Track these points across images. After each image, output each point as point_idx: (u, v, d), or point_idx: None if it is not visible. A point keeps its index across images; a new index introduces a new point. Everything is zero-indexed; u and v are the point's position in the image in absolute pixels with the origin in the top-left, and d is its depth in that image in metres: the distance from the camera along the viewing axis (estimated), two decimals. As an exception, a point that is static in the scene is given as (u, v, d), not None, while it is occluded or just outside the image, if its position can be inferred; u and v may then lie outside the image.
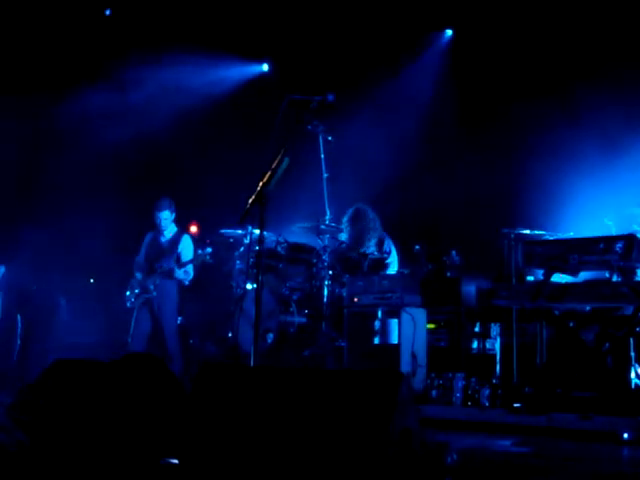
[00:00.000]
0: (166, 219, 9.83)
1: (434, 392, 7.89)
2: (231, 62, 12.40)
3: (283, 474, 4.32)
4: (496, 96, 10.57)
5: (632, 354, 7.23)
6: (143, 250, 10.02)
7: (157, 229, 9.92)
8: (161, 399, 5.00)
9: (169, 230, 9.94)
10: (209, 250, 9.49)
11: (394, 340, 8.31)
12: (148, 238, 10.07)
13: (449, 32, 11.51)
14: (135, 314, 9.68)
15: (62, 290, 11.52)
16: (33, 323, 10.81)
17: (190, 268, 9.75)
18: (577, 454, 6.15)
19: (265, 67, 12.84)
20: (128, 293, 9.80)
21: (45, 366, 5.37)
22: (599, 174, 9.22)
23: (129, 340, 9.62)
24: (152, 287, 9.57)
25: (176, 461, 4.64)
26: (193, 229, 10.25)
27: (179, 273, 9.62)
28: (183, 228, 10.21)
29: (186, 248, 9.86)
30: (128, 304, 9.78)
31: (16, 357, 10.51)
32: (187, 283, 9.77)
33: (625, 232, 7.93)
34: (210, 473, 4.48)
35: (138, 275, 9.81)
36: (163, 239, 9.94)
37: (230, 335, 9.41)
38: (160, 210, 9.78)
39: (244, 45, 12.05)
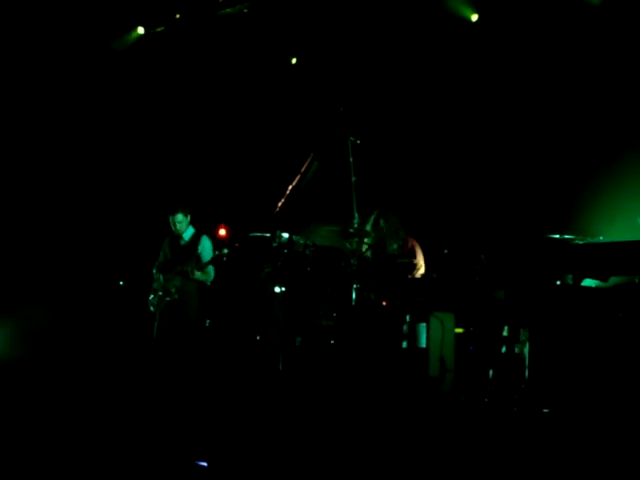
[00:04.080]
0: (180, 222, 9.91)
1: (462, 396, 7.87)
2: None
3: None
4: (529, 98, 10.53)
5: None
6: (162, 254, 10.11)
7: (174, 232, 9.98)
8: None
9: (187, 232, 10.01)
10: (226, 251, 9.54)
11: (422, 344, 8.29)
12: (166, 242, 10.16)
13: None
14: (158, 317, 9.75)
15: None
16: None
17: (210, 269, 9.84)
18: (607, 460, 6.11)
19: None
20: (151, 297, 9.88)
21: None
22: (630, 172, 9.17)
23: (153, 343, 9.69)
24: (173, 290, 9.65)
25: (205, 464, 4.65)
26: (222, 232, 10.26)
27: (199, 275, 9.67)
28: (203, 230, 10.23)
29: (205, 249, 9.93)
30: (152, 308, 9.86)
31: None
32: (209, 284, 9.85)
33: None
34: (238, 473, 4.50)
35: (159, 279, 9.88)
36: (182, 242, 10.01)
37: (258, 338, 9.43)
38: (172, 213, 9.89)
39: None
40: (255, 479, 4.45)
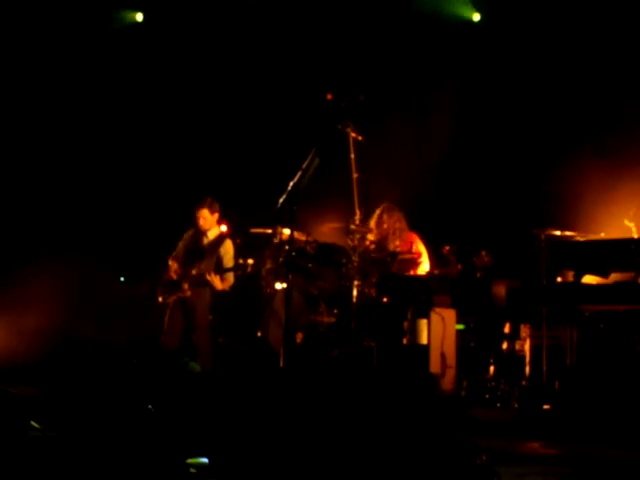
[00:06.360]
0: (204, 218, 9.68)
1: (463, 393, 7.88)
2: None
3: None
4: (530, 96, 10.53)
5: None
6: (182, 247, 9.91)
7: (197, 228, 9.86)
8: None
9: (212, 232, 9.78)
10: (251, 261, 9.38)
11: (423, 341, 8.30)
12: (188, 235, 9.93)
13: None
14: (168, 311, 9.65)
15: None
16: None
17: (230, 276, 9.59)
18: (607, 457, 6.12)
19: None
20: (161, 288, 9.72)
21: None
22: (625, 174, 9.17)
23: (162, 337, 9.63)
24: (186, 287, 9.49)
25: (206, 460, 4.65)
26: (223, 228, 10.16)
27: (217, 279, 9.44)
28: (229, 234, 9.98)
29: (227, 254, 9.70)
30: (160, 299, 9.71)
31: None
32: (226, 290, 9.61)
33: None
34: (238, 472, 4.50)
35: (174, 270, 9.68)
36: (205, 239, 9.79)
37: (259, 334, 9.42)
38: (197, 208, 9.69)
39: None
40: (255, 476, 4.46)
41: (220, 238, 9.78)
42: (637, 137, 9.40)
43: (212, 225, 9.80)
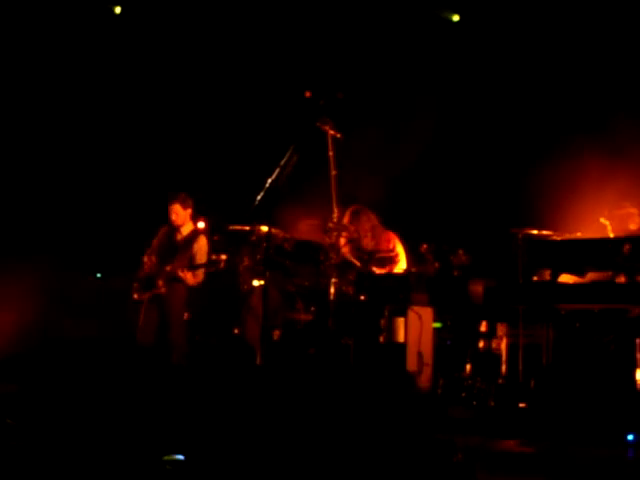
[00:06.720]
0: (177, 213, 9.61)
1: (440, 391, 7.90)
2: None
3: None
4: (505, 95, 10.58)
5: (638, 356, 7.24)
6: (156, 243, 9.82)
7: (171, 224, 9.80)
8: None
9: (186, 227, 9.71)
10: (224, 257, 9.35)
11: (400, 339, 8.31)
12: (162, 232, 9.85)
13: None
14: (143, 308, 9.60)
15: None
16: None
17: (201, 272, 9.52)
18: (581, 455, 6.15)
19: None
20: (136, 285, 9.68)
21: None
22: (602, 173, 9.24)
23: (138, 334, 9.58)
24: (161, 284, 9.45)
25: (182, 457, 4.64)
26: (201, 224, 10.10)
27: (188, 276, 9.37)
28: (203, 230, 9.89)
29: (200, 250, 9.62)
30: (135, 296, 9.67)
31: None
32: (196, 286, 9.54)
33: (622, 231, 8.00)
34: (214, 469, 4.49)
35: (148, 267, 9.65)
36: (179, 236, 9.72)
37: (236, 331, 9.40)
38: (170, 203, 9.63)
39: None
40: (231, 472, 4.45)
41: (194, 234, 9.70)
42: (613, 137, 9.46)
43: (185, 221, 9.73)
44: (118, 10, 12.01)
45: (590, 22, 10.05)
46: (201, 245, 9.65)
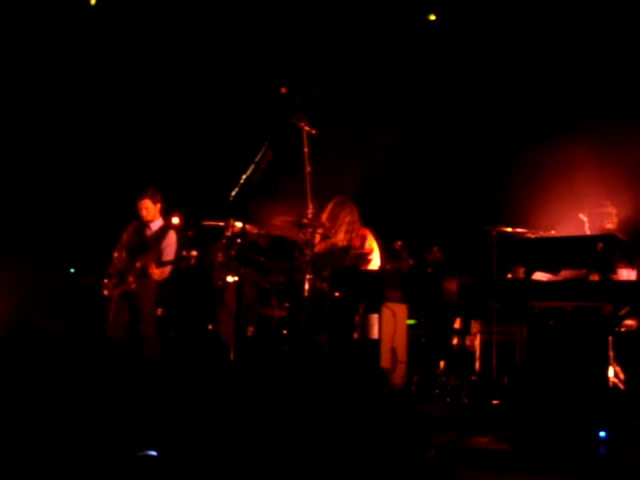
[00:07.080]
0: (147, 209, 9.59)
1: (414, 388, 7.91)
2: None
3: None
4: (482, 93, 10.60)
5: (610, 353, 7.26)
6: (125, 239, 9.78)
7: (140, 220, 9.78)
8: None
9: (156, 223, 9.68)
10: (194, 253, 9.33)
11: (374, 335, 8.31)
12: (131, 227, 9.80)
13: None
14: (113, 304, 9.56)
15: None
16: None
17: (167, 268, 9.50)
18: (554, 452, 6.18)
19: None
20: (106, 281, 9.63)
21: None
22: (577, 170, 9.27)
23: (108, 329, 9.53)
24: (131, 280, 9.43)
25: (154, 453, 4.62)
26: (175, 220, 10.05)
27: (156, 272, 9.36)
28: (169, 222, 9.88)
29: (169, 246, 9.60)
30: (105, 292, 9.63)
31: None
32: (161, 281, 9.49)
33: (598, 229, 8.04)
34: (187, 465, 4.47)
35: (118, 263, 9.62)
36: (148, 232, 9.68)
37: (210, 327, 9.37)
38: (139, 198, 9.60)
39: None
40: (205, 469, 4.44)
41: (163, 230, 9.66)
42: (590, 133, 9.50)
43: (155, 216, 9.69)
44: (93, 1, 11.92)
45: (567, 20, 10.09)
46: (170, 241, 9.62)
